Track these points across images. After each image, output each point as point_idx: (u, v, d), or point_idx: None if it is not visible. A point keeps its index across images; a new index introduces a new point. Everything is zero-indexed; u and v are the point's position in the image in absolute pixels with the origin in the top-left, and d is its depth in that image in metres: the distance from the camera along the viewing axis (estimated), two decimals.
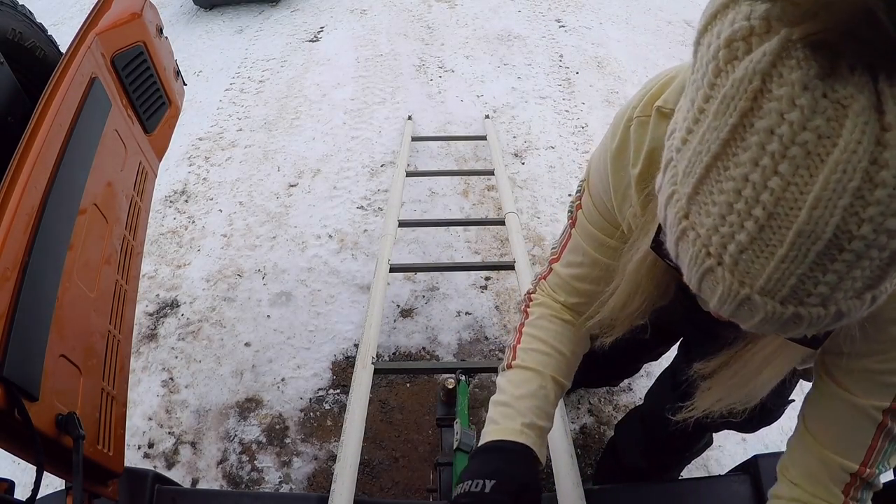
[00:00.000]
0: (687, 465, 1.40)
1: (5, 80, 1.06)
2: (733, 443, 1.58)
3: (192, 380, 1.84)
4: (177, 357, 1.90)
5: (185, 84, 1.47)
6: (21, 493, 0.73)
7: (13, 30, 1.11)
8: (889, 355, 0.54)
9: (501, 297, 2.04)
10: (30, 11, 1.20)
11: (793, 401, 0.94)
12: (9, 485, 0.74)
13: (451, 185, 2.54)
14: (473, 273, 2.10)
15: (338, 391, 1.79)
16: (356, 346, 1.87)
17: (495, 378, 0.82)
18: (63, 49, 1.06)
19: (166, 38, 1.35)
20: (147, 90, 1.24)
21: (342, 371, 1.84)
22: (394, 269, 1.74)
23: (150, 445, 1.68)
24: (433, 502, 1.14)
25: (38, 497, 0.68)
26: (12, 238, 0.72)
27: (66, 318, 0.80)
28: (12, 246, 0.72)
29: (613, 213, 0.67)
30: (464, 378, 1.26)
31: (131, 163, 1.14)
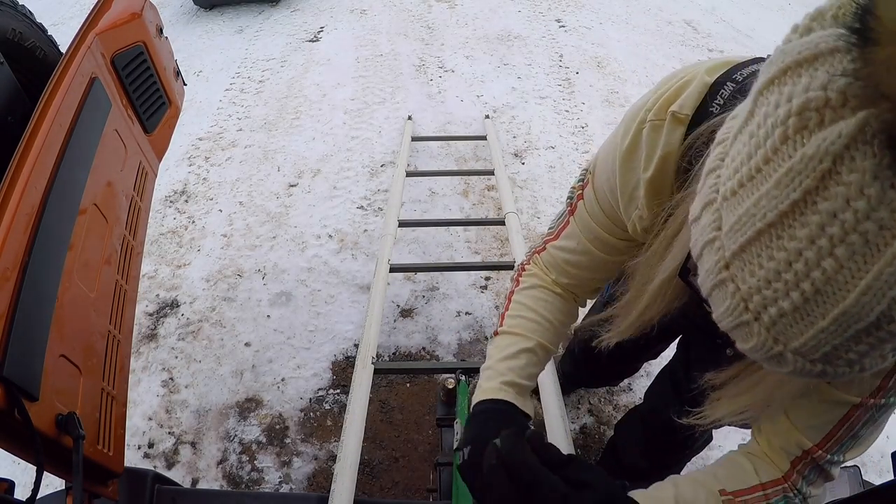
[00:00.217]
0: (687, 463, 1.40)
1: (5, 80, 1.06)
2: (733, 441, 1.58)
3: (192, 380, 1.84)
4: (177, 357, 1.90)
5: (185, 84, 1.47)
6: (21, 493, 0.73)
7: (13, 30, 1.11)
8: None
9: (501, 297, 2.04)
10: (30, 11, 1.20)
11: None
12: (9, 485, 0.74)
13: (451, 185, 2.54)
14: (473, 273, 2.10)
15: (338, 391, 1.79)
16: (356, 345, 1.87)
17: None
18: (63, 49, 1.05)
19: (166, 38, 1.35)
20: (147, 90, 1.24)
21: (342, 371, 1.84)
22: (394, 269, 1.74)
23: (150, 445, 1.68)
24: (433, 502, 1.14)
25: (38, 497, 0.68)
26: (12, 238, 0.72)
27: (66, 317, 0.80)
28: (12, 246, 0.72)
29: (618, 212, 0.67)
30: (464, 378, 1.26)
31: (131, 163, 1.14)
